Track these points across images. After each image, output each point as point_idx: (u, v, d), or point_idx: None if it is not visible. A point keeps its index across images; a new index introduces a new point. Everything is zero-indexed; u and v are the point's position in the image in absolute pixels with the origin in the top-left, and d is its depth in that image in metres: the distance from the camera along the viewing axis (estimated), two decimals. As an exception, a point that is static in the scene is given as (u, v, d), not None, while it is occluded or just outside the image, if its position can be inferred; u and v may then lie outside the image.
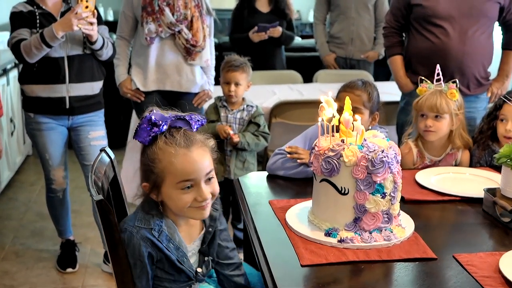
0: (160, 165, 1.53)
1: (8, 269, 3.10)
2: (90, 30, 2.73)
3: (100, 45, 2.85)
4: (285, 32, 4.44)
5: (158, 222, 1.58)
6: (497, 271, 1.47)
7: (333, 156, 1.60)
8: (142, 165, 1.59)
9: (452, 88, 2.37)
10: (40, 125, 2.91)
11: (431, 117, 2.37)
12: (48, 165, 2.98)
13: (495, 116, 2.50)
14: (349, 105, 1.69)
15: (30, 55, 2.74)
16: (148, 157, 1.55)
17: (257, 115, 3.02)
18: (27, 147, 4.88)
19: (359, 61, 4.86)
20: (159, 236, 1.57)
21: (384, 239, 1.61)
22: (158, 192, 1.58)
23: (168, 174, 1.53)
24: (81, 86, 2.89)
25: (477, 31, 2.94)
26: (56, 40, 2.71)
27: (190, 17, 3.13)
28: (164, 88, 3.21)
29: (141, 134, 1.53)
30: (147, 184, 1.58)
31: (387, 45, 3.23)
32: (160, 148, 1.53)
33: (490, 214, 1.86)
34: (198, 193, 1.55)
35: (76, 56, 2.85)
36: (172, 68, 3.18)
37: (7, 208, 3.92)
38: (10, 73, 4.30)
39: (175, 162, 1.52)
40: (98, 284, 2.97)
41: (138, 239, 1.55)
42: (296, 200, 1.92)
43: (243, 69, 2.98)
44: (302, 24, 9.62)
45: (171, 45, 3.16)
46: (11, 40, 2.79)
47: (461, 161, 2.45)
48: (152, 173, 1.55)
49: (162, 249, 1.58)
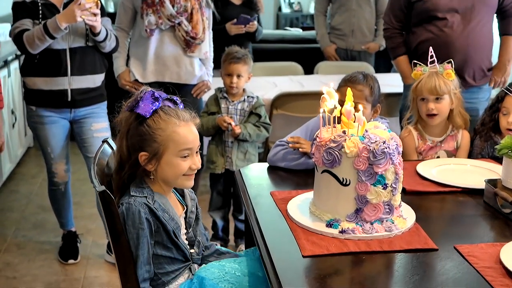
0: (164, 134, 1.65)
1: (10, 261, 3.11)
2: (93, 21, 2.72)
3: (104, 37, 2.84)
4: (259, 27, 4.46)
5: (150, 193, 1.68)
6: (498, 261, 1.48)
7: (335, 147, 1.60)
8: (137, 137, 1.66)
9: (448, 68, 2.37)
10: (42, 118, 2.91)
11: (432, 100, 2.37)
12: (50, 159, 2.98)
13: (497, 108, 2.50)
14: (351, 96, 1.69)
15: (32, 46, 2.74)
16: (149, 127, 1.65)
17: (258, 106, 3.02)
18: (29, 139, 4.89)
19: (359, 53, 4.86)
20: (154, 204, 1.66)
21: (385, 230, 1.62)
22: (157, 161, 1.66)
23: (171, 142, 1.65)
24: (83, 79, 2.88)
25: (479, 22, 2.94)
26: (60, 32, 2.70)
27: (190, 9, 3.12)
28: (163, 80, 3.20)
29: (144, 107, 1.64)
30: (146, 153, 1.66)
31: (391, 47, 3.20)
32: (163, 119, 1.65)
33: (491, 205, 1.86)
34: (192, 162, 1.69)
35: (78, 49, 2.84)
36: (171, 60, 3.18)
37: (9, 200, 3.93)
38: (11, 65, 4.30)
39: (178, 131, 1.65)
40: (100, 275, 2.98)
41: (137, 206, 1.63)
42: (297, 191, 1.92)
43: (245, 61, 2.98)
44: (303, 15, 9.60)
45: (171, 37, 3.16)
46: (13, 30, 2.78)
47: (461, 142, 2.46)
48: (154, 142, 1.65)
49: (159, 217, 1.66)
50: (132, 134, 1.67)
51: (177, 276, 1.73)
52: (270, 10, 9.09)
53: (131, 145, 1.67)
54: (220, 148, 3.03)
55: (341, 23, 4.81)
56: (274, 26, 9.42)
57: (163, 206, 1.68)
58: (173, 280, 1.72)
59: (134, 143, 1.67)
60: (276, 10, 9.60)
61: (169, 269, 1.71)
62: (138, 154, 1.66)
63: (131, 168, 1.68)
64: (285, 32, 6.44)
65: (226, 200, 3.18)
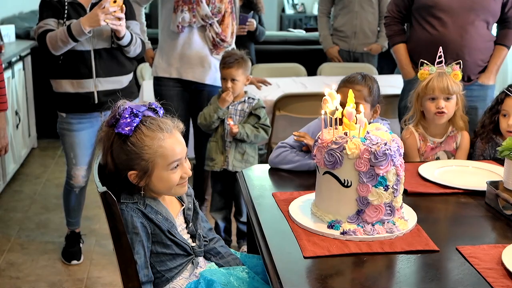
0: (150, 151, 1.62)
1: (14, 261, 3.12)
2: (117, 25, 2.70)
3: (128, 41, 2.81)
4: (259, 26, 4.47)
5: (140, 198, 1.68)
6: (500, 263, 1.48)
7: (336, 149, 1.61)
8: (124, 156, 1.64)
9: (456, 69, 2.38)
10: (71, 125, 2.90)
11: (443, 99, 2.37)
12: (71, 163, 2.98)
13: (497, 110, 2.50)
14: (352, 97, 1.69)
15: (55, 48, 2.73)
16: (134, 146, 1.62)
17: (258, 107, 3.02)
18: (32, 140, 4.90)
19: (362, 54, 4.86)
20: (146, 208, 1.67)
21: (386, 232, 1.62)
22: (148, 177, 1.65)
23: (159, 158, 1.63)
24: (109, 80, 2.86)
25: (476, 25, 2.94)
26: (83, 35, 2.69)
27: (223, 11, 3.14)
28: (186, 78, 3.21)
29: (124, 126, 1.60)
30: (135, 172, 1.64)
31: (389, 34, 3.24)
32: (146, 135, 1.62)
33: (493, 207, 1.86)
34: (183, 171, 1.69)
35: (103, 50, 2.82)
36: (196, 59, 3.18)
37: (13, 200, 3.94)
38: (15, 66, 4.32)
39: (165, 146, 1.63)
40: (102, 275, 2.99)
41: (129, 211, 1.64)
42: (299, 192, 1.93)
43: (238, 65, 2.96)
44: (306, 17, 9.61)
45: (200, 36, 3.17)
46: (37, 29, 2.76)
47: (461, 142, 2.46)
48: (142, 160, 1.62)
49: (152, 219, 1.66)
50: (117, 153, 1.65)
51: (180, 271, 1.75)
52: (273, 11, 9.09)
53: (118, 163, 1.66)
54: (220, 146, 3.04)
55: (343, 24, 4.81)
56: (277, 27, 9.43)
57: (155, 208, 1.69)
58: (177, 276, 1.74)
59: (121, 162, 1.65)
60: (280, 11, 9.61)
61: (171, 266, 1.72)
62: (126, 173, 1.65)
63: (122, 183, 1.68)
64: (289, 34, 6.44)
65: (227, 201, 3.18)
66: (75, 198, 3.09)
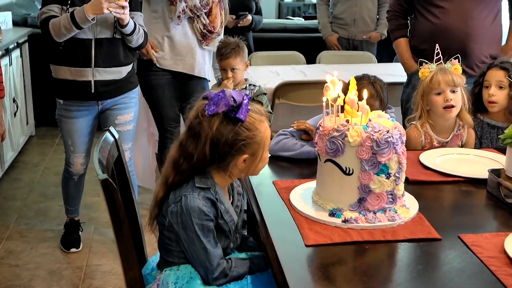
0: (261, 134, 1.66)
1: (13, 249, 3.12)
2: (120, 13, 2.67)
3: (131, 30, 2.77)
4: (255, 18, 4.46)
5: (213, 184, 1.67)
6: (502, 251, 1.47)
7: (338, 136, 1.60)
8: (239, 142, 1.63)
9: (455, 63, 2.36)
10: (69, 112, 2.89)
11: (449, 91, 2.34)
12: (69, 151, 2.97)
13: (479, 83, 2.52)
14: (354, 84, 1.68)
15: (58, 35, 2.70)
16: (248, 130, 1.64)
17: (260, 94, 3.01)
18: (30, 128, 4.89)
19: (361, 42, 4.85)
20: (216, 195, 1.66)
21: (388, 220, 1.61)
22: (255, 159, 1.67)
23: (266, 139, 1.69)
24: (108, 71, 2.83)
25: (481, 12, 2.91)
26: (87, 22, 2.66)
27: (211, 3, 3.13)
28: (177, 69, 3.22)
29: (243, 112, 1.63)
30: (246, 155, 1.65)
31: (391, 29, 3.23)
32: (255, 119, 1.66)
33: (495, 195, 1.85)
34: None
35: (105, 40, 2.79)
36: (186, 51, 3.20)
37: (11, 188, 3.93)
38: (13, 53, 4.29)
39: (267, 127, 1.70)
40: (102, 263, 2.99)
41: (201, 199, 1.62)
42: (300, 180, 1.92)
43: (236, 53, 2.95)
44: (305, 5, 9.56)
45: (189, 27, 3.17)
46: (40, 15, 2.73)
47: (467, 140, 2.44)
48: (255, 144, 1.65)
49: (217, 208, 1.65)
50: (226, 139, 1.62)
51: None
52: (272, -1, 9.06)
53: (223, 150, 1.63)
54: None
55: (343, 12, 4.79)
56: (276, 15, 9.39)
57: (221, 198, 1.67)
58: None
59: (230, 147, 1.63)
60: (278, -1, 9.57)
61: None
62: (236, 158, 1.64)
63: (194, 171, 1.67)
64: (287, 21, 6.41)
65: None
66: (74, 186, 3.08)
